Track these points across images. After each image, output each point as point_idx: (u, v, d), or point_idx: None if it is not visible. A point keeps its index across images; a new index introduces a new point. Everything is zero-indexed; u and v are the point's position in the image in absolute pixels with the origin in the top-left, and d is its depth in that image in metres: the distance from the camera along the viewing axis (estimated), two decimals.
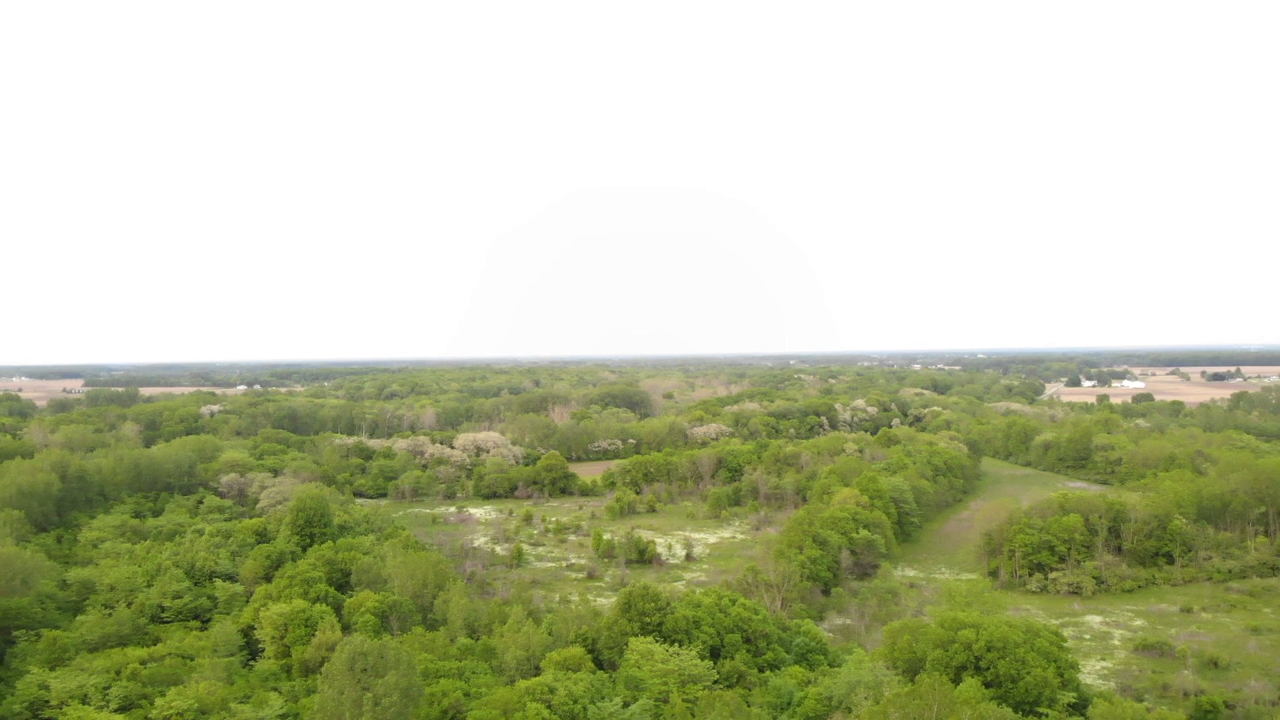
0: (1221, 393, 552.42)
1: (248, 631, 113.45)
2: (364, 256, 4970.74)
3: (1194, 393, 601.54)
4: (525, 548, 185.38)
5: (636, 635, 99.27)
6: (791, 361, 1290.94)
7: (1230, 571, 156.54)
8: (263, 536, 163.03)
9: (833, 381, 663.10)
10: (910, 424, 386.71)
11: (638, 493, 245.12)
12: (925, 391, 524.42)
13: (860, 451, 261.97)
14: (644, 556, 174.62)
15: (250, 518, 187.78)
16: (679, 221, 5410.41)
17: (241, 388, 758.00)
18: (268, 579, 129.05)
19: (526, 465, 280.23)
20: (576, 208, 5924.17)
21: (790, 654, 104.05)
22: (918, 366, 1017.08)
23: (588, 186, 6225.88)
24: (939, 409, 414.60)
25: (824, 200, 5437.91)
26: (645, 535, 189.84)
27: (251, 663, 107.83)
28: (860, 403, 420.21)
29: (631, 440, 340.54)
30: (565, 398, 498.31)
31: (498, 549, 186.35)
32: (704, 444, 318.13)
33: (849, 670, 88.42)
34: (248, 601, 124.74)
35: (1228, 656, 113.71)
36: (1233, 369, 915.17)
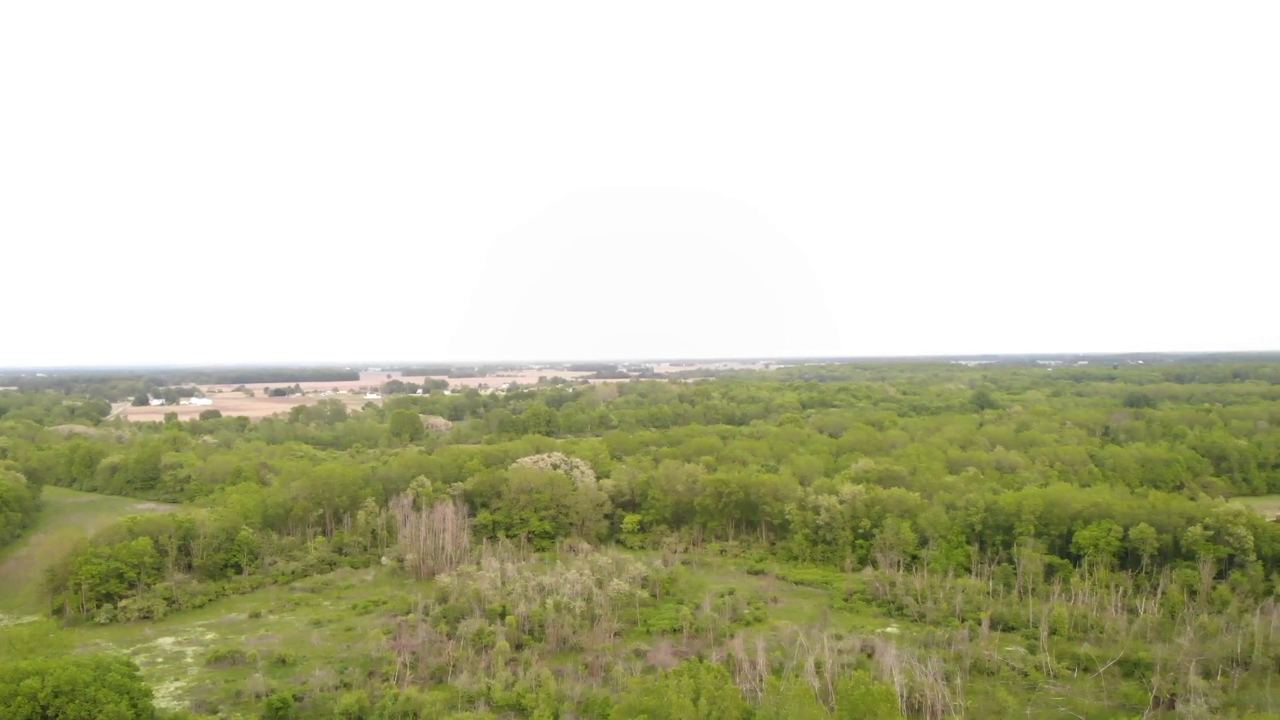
0: (284, 407, 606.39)
1: None
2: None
3: (259, 408, 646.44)
4: None
5: None
6: None
7: (294, 572, 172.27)
8: None
9: None
10: None
11: None
12: None
13: None
14: None
15: None
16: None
17: None
18: None
19: None
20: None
21: None
22: None
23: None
24: None
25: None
26: None
27: None
28: None
29: None
30: None
31: None
32: None
33: None
34: None
35: (294, 652, 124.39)
36: (293, 385, 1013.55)
